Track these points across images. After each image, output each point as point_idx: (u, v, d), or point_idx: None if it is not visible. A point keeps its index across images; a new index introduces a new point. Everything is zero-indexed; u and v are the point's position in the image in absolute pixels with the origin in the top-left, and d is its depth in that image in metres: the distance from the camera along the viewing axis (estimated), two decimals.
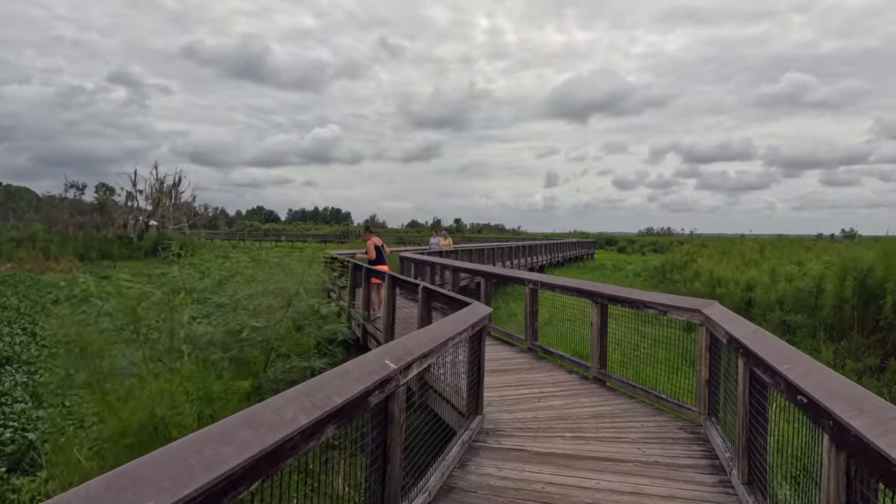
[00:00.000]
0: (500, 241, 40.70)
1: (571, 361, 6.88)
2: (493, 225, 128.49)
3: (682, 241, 61.08)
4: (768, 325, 14.60)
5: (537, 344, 7.75)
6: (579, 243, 47.62)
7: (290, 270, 7.88)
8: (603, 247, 69.41)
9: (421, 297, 6.57)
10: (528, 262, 30.01)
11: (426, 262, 12.84)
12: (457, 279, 10.93)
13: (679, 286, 21.30)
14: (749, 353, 3.25)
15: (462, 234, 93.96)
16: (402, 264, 15.04)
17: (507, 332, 8.75)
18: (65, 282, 21.36)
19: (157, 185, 59.63)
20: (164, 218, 59.07)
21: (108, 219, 56.39)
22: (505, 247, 27.29)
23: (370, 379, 2.32)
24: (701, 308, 4.82)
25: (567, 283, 6.93)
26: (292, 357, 7.81)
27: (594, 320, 6.33)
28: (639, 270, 35.59)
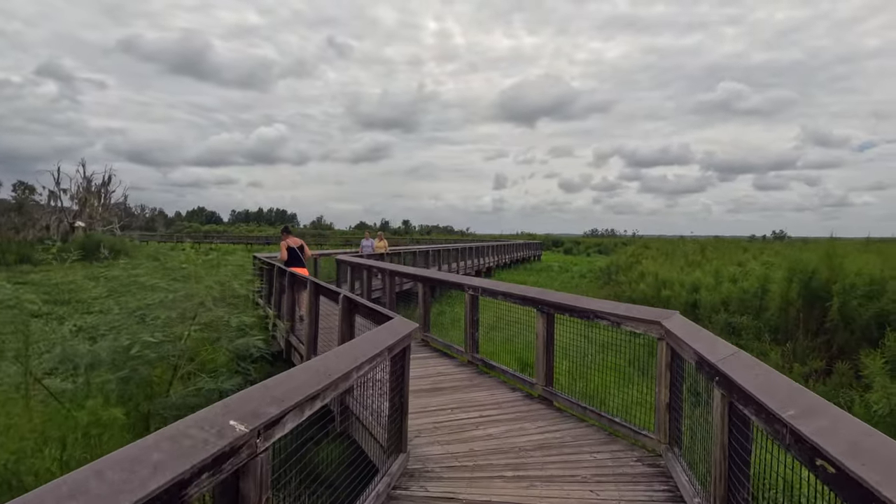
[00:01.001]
0: (449, 243, 40.08)
1: (515, 378, 6.16)
2: (441, 227, 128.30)
3: (625, 242, 62.32)
4: (714, 328, 14.42)
5: (478, 357, 7.01)
6: (526, 245, 47.56)
7: (199, 277, 6.82)
8: (550, 248, 70.00)
9: (341, 307, 5.71)
10: (475, 263, 29.44)
11: (362, 265, 11.92)
12: (393, 284, 10.07)
13: (625, 288, 21.13)
14: (731, 385, 2.57)
15: (410, 236, 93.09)
16: (339, 268, 14.06)
17: (447, 342, 7.97)
18: None
19: (83, 183, 56.13)
20: (92, 219, 55.60)
21: (28, 219, 52.59)
22: (451, 248, 26.61)
23: (188, 461, 1.46)
24: (660, 320, 4.17)
25: (510, 290, 6.21)
26: (200, 377, 6.77)
27: (539, 331, 5.63)
28: (584, 272, 35.67)
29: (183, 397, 6.16)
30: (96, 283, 7.53)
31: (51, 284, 10.45)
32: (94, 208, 57.22)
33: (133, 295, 6.97)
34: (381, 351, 3.19)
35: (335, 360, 2.76)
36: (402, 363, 3.83)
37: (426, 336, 8.53)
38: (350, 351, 3.02)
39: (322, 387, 2.39)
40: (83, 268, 9.71)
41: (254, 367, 8.60)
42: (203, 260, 7.10)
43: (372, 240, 17.35)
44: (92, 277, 7.71)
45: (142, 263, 9.27)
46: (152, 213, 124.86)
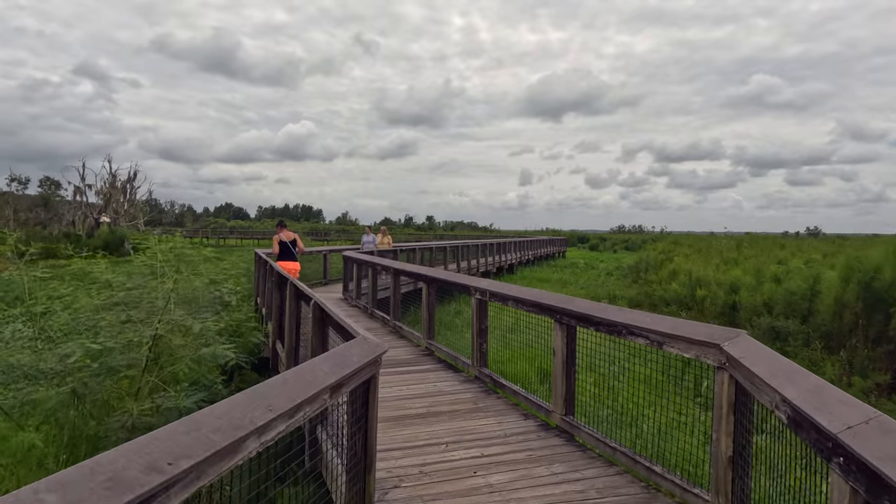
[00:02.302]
0: (472, 239, 39.02)
1: (529, 401, 5.08)
2: (466, 223, 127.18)
3: (654, 238, 60.32)
4: (756, 332, 13.10)
5: (486, 372, 5.95)
6: (551, 241, 46.19)
7: (162, 275, 5.90)
8: (575, 244, 68.45)
9: (312, 317, 4.71)
10: (496, 260, 28.32)
11: (367, 262, 10.94)
12: (398, 284, 9.07)
13: (655, 287, 19.80)
14: (878, 482, 1.48)
15: (434, 232, 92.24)
16: (346, 265, 13.13)
17: (453, 352, 6.93)
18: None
19: (109, 179, 56.52)
20: (117, 214, 55.94)
21: (55, 215, 53.15)
22: (471, 244, 25.53)
23: None
24: (720, 342, 3.06)
25: (523, 295, 5.13)
26: (160, 393, 5.87)
27: (557, 347, 4.56)
28: (611, 269, 34.24)
29: (137, 417, 5.24)
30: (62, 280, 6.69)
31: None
32: (119, 204, 57.58)
33: (89, 294, 6.09)
34: (315, 395, 2.17)
35: (236, 409, 1.74)
36: (363, 401, 2.80)
37: (430, 344, 7.51)
38: (260, 399, 1.99)
39: (206, 456, 1.39)
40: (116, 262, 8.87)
41: (240, 375, 7.70)
42: (175, 254, 6.16)
43: (373, 235, 16.25)
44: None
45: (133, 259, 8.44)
46: (181, 209, 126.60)
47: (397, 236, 71.08)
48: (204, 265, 6.70)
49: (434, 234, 77.11)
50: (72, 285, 6.73)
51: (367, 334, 3.01)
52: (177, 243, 5.95)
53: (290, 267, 10.70)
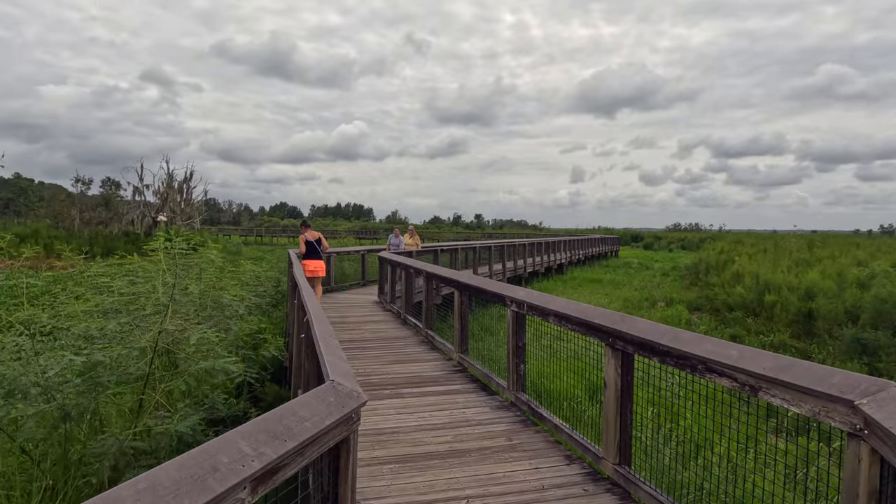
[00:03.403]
0: (521, 238, 37.92)
1: (574, 440, 4.15)
2: (515, 221, 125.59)
3: (712, 237, 57.34)
4: (838, 344, 11.61)
5: (524, 398, 5.04)
6: (602, 240, 44.47)
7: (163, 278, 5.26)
8: (628, 243, 66.12)
9: (305, 336, 3.94)
10: (545, 260, 27.17)
11: (399, 264, 10.17)
12: (431, 289, 8.24)
13: (717, 290, 18.27)
14: None
15: (482, 230, 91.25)
16: (381, 266, 12.43)
17: (486, 371, 6.05)
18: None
19: (166, 179, 58.24)
20: (174, 213, 57.57)
21: (115, 214, 55.11)
22: (518, 243, 24.47)
23: None
24: (855, 398, 2.08)
25: (569, 311, 4.19)
26: (166, 412, 5.25)
27: (610, 378, 3.62)
28: (667, 269, 32.44)
29: (122, 441, 4.60)
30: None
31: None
32: (175, 203, 59.25)
33: (84, 299, 5.53)
34: (217, 498, 1.35)
35: None
36: (331, 479, 1.97)
37: (463, 359, 6.65)
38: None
39: None
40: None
41: (252, 391, 7.06)
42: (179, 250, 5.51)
43: (401, 237, 15.42)
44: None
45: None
46: (239, 209, 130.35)
47: (445, 235, 70.52)
48: (210, 270, 6.05)
49: (482, 233, 76.17)
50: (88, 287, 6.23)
51: (343, 379, 2.17)
52: (174, 245, 5.31)
53: (316, 265, 10.74)
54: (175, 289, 5.13)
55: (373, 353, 7.42)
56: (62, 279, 6.58)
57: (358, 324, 9.70)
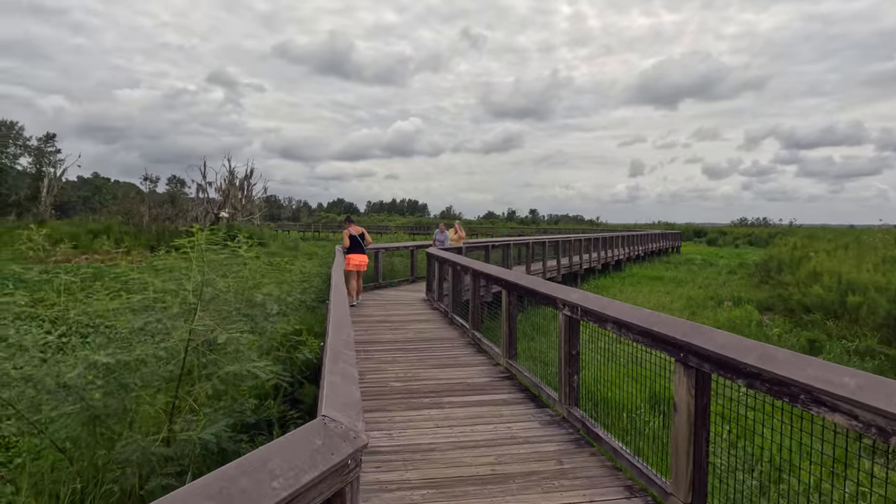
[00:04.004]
0: (576, 233, 36.86)
1: (636, 469, 3.57)
2: (571, 216, 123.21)
3: (782, 232, 54.05)
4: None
5: (578, 414, 4.48)
6: (663, 235, 42.70)
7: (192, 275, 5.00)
8: (691, 239, 63.43)
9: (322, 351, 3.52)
10: (601, 256, 26.14)
11: (447, 260, 9.71)
12: (478, 287, 7.74)
13: (791, 290, 16.91)
14: None
15: (537, 225, 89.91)
16: (429, 263, 12.02)
17: (536, 379, 5.50)
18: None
19: (227, 177, 60.10)
20: (235, 210, 59.35)
21: (180, 210, 57.27)
22: (574, 239, 23.60)
23: None
24: None
25: (630, 318, 3.60)
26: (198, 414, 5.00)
27: (682, 401, 3.03)
28: (734, 266, 30.65)
29: (141, 448, 4.35)
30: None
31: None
32: (237, 200, 61.06)
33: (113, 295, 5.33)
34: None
35: None
36: None
37: (510, 365, 6.13)
38: None
39: None
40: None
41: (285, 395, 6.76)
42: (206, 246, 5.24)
43: (447, 232, 14.83)
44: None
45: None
46: (298, 205, 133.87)
47: (499, 231, 69.68)
48: (245, 267, 5.78)
49: (537, 229, 74.96)
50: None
51: (341, 412, 1.71)
52: (202, 239, 5.03)
53: (360, 260, 10.94)
54: (202, 287, 4.85)
55: (415, 356, 7.00)
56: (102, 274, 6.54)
57: (402, 323, 9.32)
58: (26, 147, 55.46)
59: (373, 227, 69.46)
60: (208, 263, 5.87)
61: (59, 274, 5.54)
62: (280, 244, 42.83)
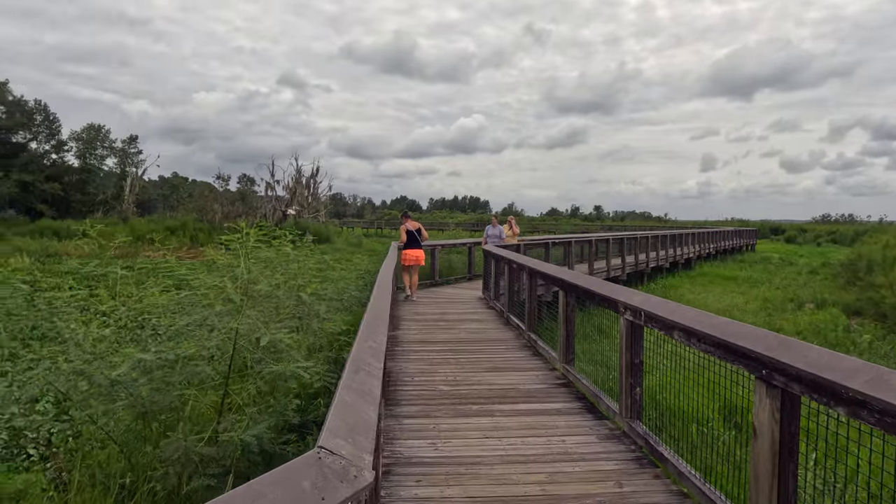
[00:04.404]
0: (643, 230, 35.53)
1: (707, 499, 3.14)
2: (638, 213, 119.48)
3: (871, 229, 50.03)
4: None
5: (640, 430, 4.05)
6: (737, 232, 40.47)
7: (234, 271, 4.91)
8: (767, 236, 60.00)
9: None
10: (669, 254, 24.96)
11: (502, 258, 9.35)
12: (534, 286, 7.36)
13: (884, 292, 15.47)
14: None
15: (602, 222, 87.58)
16: (486, 260, 11.70)
17: (594, 388, 5.09)
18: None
19: (294, 175, 61.87)
20: (301, 207, 61.05)
21: (250, 208, 59.46)
22: (640, 236, 22.62)
23: None
24: None
25: (702, 327, 3.16)
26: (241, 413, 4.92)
27: (763, 425, 2.59)
28: (815, 266, 28.54)
29: (184, 447, 4.28)
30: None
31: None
32: (303, 197, 62.78)
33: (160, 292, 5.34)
34: None
35: None
36: None
37: (567, 371, 5.73)
38: None
39: None
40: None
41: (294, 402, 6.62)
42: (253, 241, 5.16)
43: (500, 227, 14.32)
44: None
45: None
46: (362, 203, 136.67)
47: (561, 227, 68.25)
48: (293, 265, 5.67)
49: (601, 225, 72.99)
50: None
51: (346, 439, 1.44)
52: (252, 236, 4.94)
53: (416, 254, 11.03)
54: (246, 285, 4.75)
55: (467, 358, 6.71)
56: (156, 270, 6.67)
57: (456, 322, 9.05)
58: (112, 149, 59.03)
59: (433, 224, 69.71)
60: (260, 261, 5.82)
61: (116, 269, 5.63)
62: (344, 241, 43.67)
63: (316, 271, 6.79)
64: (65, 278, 10.50)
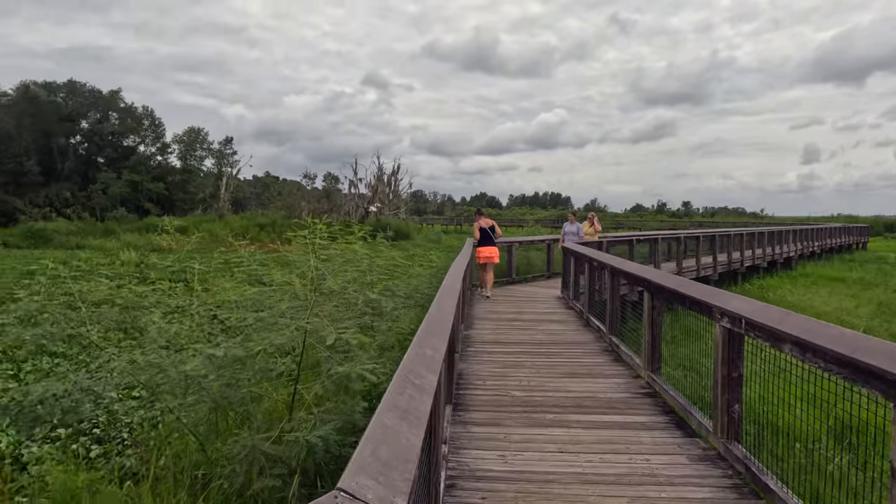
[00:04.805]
0: (736, 227, 33.35)
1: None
2: (730, 208, 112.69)
3: None
4: None
5: (739, 453, 3.55)
6: (845, 229, 37.04)
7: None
8: (880, 233, 54.65)
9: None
10: (766, 253, 23.16)
11: (582, 256, 8.85)
12: (616, 286, 6.85)
13: None
14: None
15: (690, 219, 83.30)
16: (565, 258, 11.22)
17: (684, 401, 4.59)
18: None
19: (376, 173, 63.27)
20: (383, 204, 62.33)
21: (334, 205, 61.42)
22: (733, 233, 21.09)
23: None
24: None
25: (819, 339, 2.65)
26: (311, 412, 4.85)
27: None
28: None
29: (250, 446, 4.23)
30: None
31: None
32: (384, 195, 64.08)
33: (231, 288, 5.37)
34: None
35: None
36: None
37: (653, 380, 5.25)
38: None
39: None
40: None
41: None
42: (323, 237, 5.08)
43: (578, 224, 13.57)
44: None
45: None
46: (443, 199, 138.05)
47: (647, 224, 65.46)
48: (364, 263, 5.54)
49: (690, 222, 69.36)
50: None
51: (375, 479, 1.19)
52: (319, 233, 4.86)
53: (490, 252, 10.91)
54: (314, 283, 4.66)
55: (543, 361, 6.35)
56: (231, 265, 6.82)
57: (533, 322, 8.67)
58: (209, 150, 62.86)
59: (511, 221, 68.88)
60: (331, 258, 5.76)
61: (194, 265, 5.75)
62: (423, 237, 44.04)
63: (388, 268, 6.65)
64: (162, 272, 11.10)
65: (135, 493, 4.51)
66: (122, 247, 24.69)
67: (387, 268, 6.73)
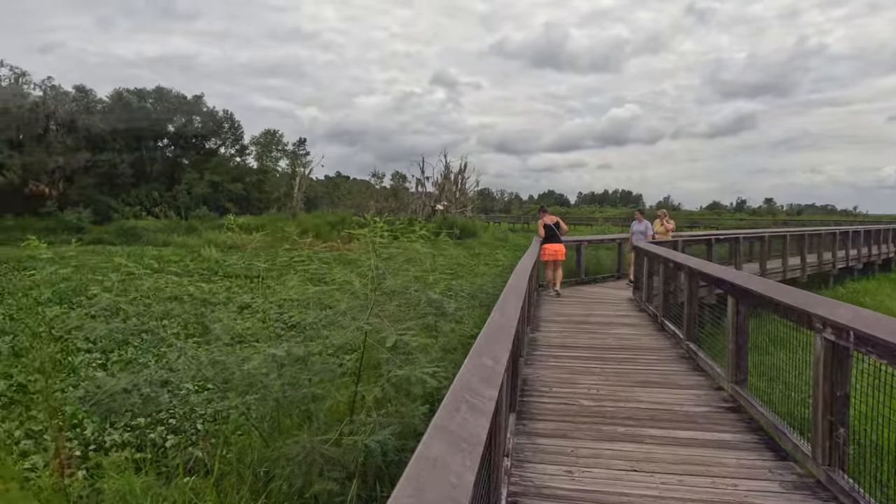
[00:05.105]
0: (826, 225, 31.05)
1: None
2: (818, 206, 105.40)
3: None
4: None
5: (844, 482, 3.12)
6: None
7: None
8: None
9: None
10: (861, 253, 21.33)
11: (657, 256, 8.33)
12: (695, 290, 6.37)
13: None
14: None
15: (773, 217, 78.55)
16: (636, 258, 10.69)
17: (775, 420, 4.14)
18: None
19: (443, 171, 63.55)
20: (449, 203, 62.52)
21: (402, 204, 62.21)
22: (823, 232, 19.54)
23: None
24: None
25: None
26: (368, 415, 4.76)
27: None
28: None
29: (308, 448, 4.17)
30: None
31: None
32: (451, 193, 64.25)
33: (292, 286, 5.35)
34: None
35: None
36: None
37: (737, 393, 4.79)
38: None
39: None
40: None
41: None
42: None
43: (646, 222, 12.75)
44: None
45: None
46: (510, 198, 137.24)
47: (725, 222, 62.14)
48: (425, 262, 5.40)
49: (773, 220, 65.38)
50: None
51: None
52: (378, 231, 4.74)
53: (555, 248, 10.74)
54: (374, 282, 4.55)
55: (613, 368, 5.98)
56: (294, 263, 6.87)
57: (603, 325, 8.26)
58: (284, 151, 65.20)
59: (580, 219, 67.31)
60: (392, 256, 5.65)
61: (260, 262, 5.80)
62: (490, 235, 43.77)
63: (451, 267, 6.48)
64: (231, 268, 11.45)
65: (199, 487, 4.58)
66: (204, 244, 25.89)
67: (450, 266, 6.56)
